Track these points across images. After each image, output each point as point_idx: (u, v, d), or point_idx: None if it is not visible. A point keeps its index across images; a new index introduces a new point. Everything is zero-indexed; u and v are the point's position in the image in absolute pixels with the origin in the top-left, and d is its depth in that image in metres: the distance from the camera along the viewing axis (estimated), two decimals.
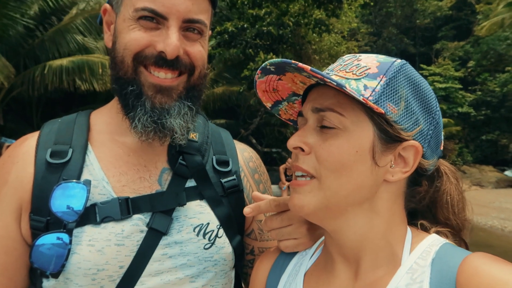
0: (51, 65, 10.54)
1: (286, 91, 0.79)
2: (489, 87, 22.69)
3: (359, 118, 0.68)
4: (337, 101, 0.69)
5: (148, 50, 0.85)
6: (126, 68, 0.86)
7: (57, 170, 0.87)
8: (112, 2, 0.92)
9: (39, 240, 0.83)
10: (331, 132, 0.69)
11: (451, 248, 0.68)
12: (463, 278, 0.60)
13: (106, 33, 0.95)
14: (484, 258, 0.62)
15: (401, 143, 0.68)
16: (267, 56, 11.65)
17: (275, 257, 0.88)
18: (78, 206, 0.83)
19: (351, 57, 0.75)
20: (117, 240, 0.84)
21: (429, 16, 29.24)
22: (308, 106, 0.73)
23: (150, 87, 0.87)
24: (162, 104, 0.87)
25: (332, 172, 0.68)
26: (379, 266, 0.71)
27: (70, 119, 0.97)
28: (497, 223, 10.11)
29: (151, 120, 0.86)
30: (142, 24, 0.85)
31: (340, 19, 15.24)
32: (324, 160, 0.68)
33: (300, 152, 0.72)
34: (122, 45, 0.87)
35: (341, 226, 0.72)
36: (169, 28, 0.84)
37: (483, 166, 21.90)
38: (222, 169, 1.00)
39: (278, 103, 0.82)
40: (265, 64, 0.71)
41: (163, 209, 0.89)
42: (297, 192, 0.72)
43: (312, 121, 0.72)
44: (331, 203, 0.69)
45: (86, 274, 0.82)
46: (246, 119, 14.91)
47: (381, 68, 0.69)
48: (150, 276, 0.87)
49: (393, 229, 0.72)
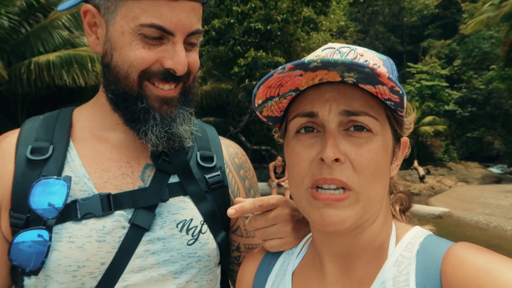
0: (37, 61, 10.36)
1: (289, 87, 0.69)
2: (475, 85, 23.07)
3: (384, 121, 0.68)
4: (367, 104, 0.65)
5: (155, 66, 0.85)
6: (131, 84, 0.86)
7: (37, 166, 0.85)
8: (99, 6, 0.87)
9: (18, 237, 0.81)
10: (364, 136, 0.65)
11: (435, 239, 0.69)
12: (448, 268, 0.61)
13: (90, 36, 0.91)
14: (468, 248, 0.63)
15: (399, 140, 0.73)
16: (257, 53, 11.64)
17: (261, 257, 0.88)
18: (58, 202, 0.82)
19: (349, 49, 0.71)
20: (98, 237, 0.83)
21: (416, 14, 29.58)
22: (327, 107, 0.66)
23: (156, 100, 0.88)
24: (168, 113, 0.89)
25: (370, 180, 0.65)
26: (369, 261, 0.71)
27: (52, 116, 0.95)
28: (482, 219, 10.30)
29: (163, 131, 0.88)
30: (147, 41, 0.83)
31: (328, 17, 15.31)
32: (364, 168, 0.64)
33: (333, 163, 0.64)
34: (126, 62, 0.84)
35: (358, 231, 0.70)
36: (176, 45, 0.84)
37: (468, 162, 22.29)
38: (206, 164, 0.99)
39: (269, 100, 0.72)
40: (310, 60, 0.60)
41: (146, 205, 0.89)
42: (334, 208, 0.65)
43: (335, 124, 0.65)
44: (367, 212, 0.67)
45: (66, 271, 0.81)
46: (235, 116, 14.88)
47: (386, 66, 0.70)
48: (133, 272, 0.86)
49: (386, 224, 0.73)
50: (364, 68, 0.58)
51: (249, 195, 1.09)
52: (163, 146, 0.90)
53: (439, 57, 26.20)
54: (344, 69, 0.60)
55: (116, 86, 0.87)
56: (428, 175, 18.50)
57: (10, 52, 11.29)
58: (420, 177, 17.56)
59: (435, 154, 21.54)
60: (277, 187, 9.44)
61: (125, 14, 0.83)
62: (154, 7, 0.81)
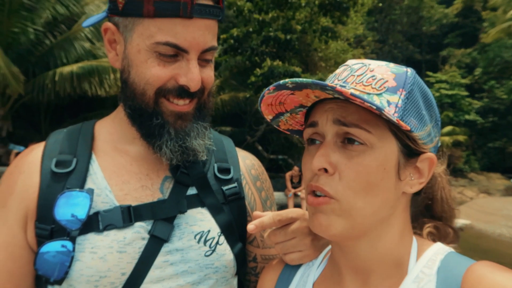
0: (61, 72, 10.68)
1: (293, 104, 0.74)
2: (496, 94, 22.52)
3: (384, 134, 0.66)
4: (360, 117, 0.66)
5: (170, 83, 0.87)
6: (148, 101, 0.88)
7: (61, 179, 0.89)
8: (118, 24, 0.90)
9: (43, 248, 0.84)
10: (357, 149, 0.66)
11: (456, 256, 0.68)
12: (467, 286, 0.61)
13: (110, 52, 0.95)
14: (488, 267, 0.63)
15: (419, 156, 0.70)
16: (273, 63, 11.69)
17: (281, 268, 0.89)
18: (81, 214, 0.85)
19: (360, 65, 0.71)
20: (119, 248, 0.86)
21: (435, 23, 29.18)
22: (325, 117, 0.69)
23: (171, 115, 0.90)
24: (183, 128, 0.91)
25: (357, 192, 0.66)
26: (387, 276, 0.71)
27: (75, 129, 0.99)
28: (505, 231, 9.98)
29: (177, 145, 0.90)
30: (162, 58, 0.86)
31: (346, 26, 15.27)
32: (351, 180, 0.65)
33: (323, 173, 0.67)
34: (142, 80, 0.87)
35: (362, 243, 0.71)
36: (190, 62, 0.86)
37: (490, 173, 21.68)
38: (223, 176, 1.01)
39: (279, 115, 0.78)
40: (284, 82, 0.65)
41: (164, 216, 0.91)
42: (320, 212, 0.68)
43: (331, 135, 0.68)
44: (357, 222, 0.67)
45: (88, 281, 0.83)
46: (252, 125, 14.92)
47: (398, 80, 0.68)
48: (152, 283, 0.88)
49: (404, 239, 0.72)
50: (326, 87, 0.61)
51: (265, 206, 1.10)
52: (178, 160, 0.91)
53: (459, 66, 25.72)
54: (317, 87, 0.63)
55: (133, 102, 0.90)
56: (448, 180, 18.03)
57: (35, 63, 11.69)
58: None
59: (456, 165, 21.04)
60: (294, 197, 9.38)
61: (142, 33, 0.85)
62: (169, 25, 0.83)
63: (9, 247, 0.87)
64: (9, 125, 11.70)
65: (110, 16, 0.91)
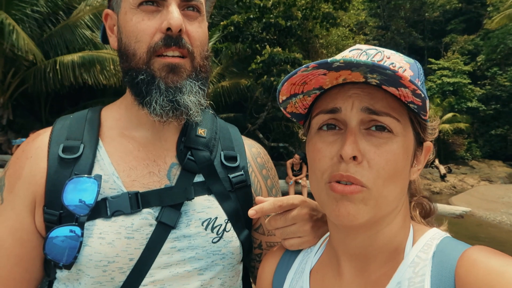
0: (62, 61, 10.64)
1: (314, 85, 0.70)
2: (499, 81, 22.38)
3: (406, 123, 0.68)
4: (389, 105, 0.65)
5: (157, 36, 0.88)
6: (138, 59, 0.89)
7: (69, 165, 0.89)
8: (113, 5, 0.95)
9: (53, 233, 0.85)
10: (384, 136, 0.65)
11: (452, 241, 0.69)
12: (461, 270, 0.62)
13: (110, 37, 0.97)
14: (483, 251, 0.63)
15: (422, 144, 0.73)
16: (274, 50, 11.60)
17: (280, 255, 0.89)
18: (89, 200, 0.85)
19: (375, 51, 0.71)
20: (127, 233, 0.86)
21: (438, 9, 28.87)
22: (350, 103, 0.66)
23: (162, 68, 0.89)
24: (174, 83, 0.89)
25: (386, 180, 0.65)
26: (385, 262, 0.71)
27: (81, 115, 0.99)
28: (506, 219, 10.04)
29: (167, 100, 0.88)
30: (144, 9, 0.88)
31: (348, 12, 15.11)
32: (380, 168, 0.65)
33: (351, 161, 0.65)
34: (132, 39, 0.89)
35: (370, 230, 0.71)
36: (169, 6, 0.88)
37: (492, 161, 21.70)
38: (230, 164, 1.01)
39: (293, 96, 0.73)
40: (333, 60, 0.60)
41: (172, 203, 0.91)
42: (348, 200, 0.66)
43: (356, 122, 0.66)
44: (382, 210, 0.67)
45: (97, 266, 0.84)
46: (253, 113, 14.89)
47: (413, 70, 0.69)
48: (159, 268, 0.88)
49: (404, 226, 0.73)
50: (386, 70, 0.58)
51: (271, 194, 1.10)
52: (169, 117, 0.90)
53: (462, 53, 25.52)
54: (367, 70, 0.60)
55: (125, 64, 0.91)
56: (450, 174, 18.11)
57: None
58: (441, 175, 17.21)
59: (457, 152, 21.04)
60: (295, 185, 9.41)
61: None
62: None
63: (17, 232, 0.88)
64: (9, 114, 11.69)
65: (109, 4, 0.96)
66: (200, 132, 1.01)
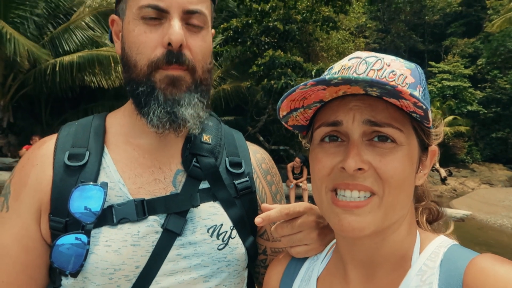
0: (62, 61, 10.65)
1: (314, 99, 0.70)
2: (499, 84, 22.38)
3: (409, 132, 0.68)
4: (391, 115, 0.66)
5: (158, 51, 0.87)
6: (139, 71, 0.89)
7: (75, 172, 0.89)
8: (119, 11, 0.95)
9: (59, 241, 0.85)
10: (388, 146, 0.66)
11: (459, 249, 0.69)
12: (469, 278, 0.61)
13: (116, 43, 0.98)
14: (491, 259, 0.63)
15: (427, 149, 0.72)
16: (275, 53, 11.61)
17: (286, 262, 0.89)
18: (95, 207, 0.85)
19: (375, 58, 0.70)
20: (133, 241, 0.86)
21: (438, 12, 28.89)
22: (351, 116, 0.67)
23: (163, 81, 0.88)
24: (173, 95, 0.89)
25: (394, 188, 0.66)
26: (392, 270, 0.71)
27: (86, 122, 0.99)
28: (507, 222, 10.01)
29: (164, 111, 0.88)
30: (146, 22, 0.87)
31: (348, 15, 15.13)
32: (389, 177, 0.65)
33: (357, 172, 0.65)
34: (134, 50, 0.89)
35: (375, 238, 0.71)
36: (171, 20, 0.87)
37: (492, 164, 21.66)
38: (235, 170, 1.01)
39: (293, 111, 0.74)
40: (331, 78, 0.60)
41: (178, 210, 0.91)
42: (354, 214, 0.66)
43: (358, 134, 0.66)
44: (388, 219, 0.68)
45: (103, 273, 0.84)
46: (254, 116, 14.89)
47: (414, 76, 0.69)
48: (165, 276, 0.88)
49: (410, 233, 0.73)
50: (385, 86, 0.58)
51: (275, 200, 1.10)
52: (165, 128, 0.90)
53: (462, 56, 25.52)
54: (366, 85, 0.61)
55: (127, 74, 0.91)
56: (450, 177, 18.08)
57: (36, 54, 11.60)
58: (441, 178, 17.17)
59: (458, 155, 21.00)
60: (295, 188, 9.40)
61: (130, 5, 0.89)
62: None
63: (23, 239, 0.88)
64: (10, 116, 11.71)
65: (116, 9, 0.96)
66: (205, 139, 1.01)
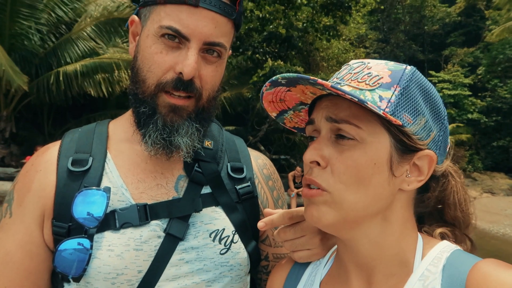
0: (65, 71, 10.71)
1: (293, 101, 0.78)
2: (500, 94, 22.42)
3: (375, 130, 0.67)
4: (351, 113, 0.67)
5: (169, 74, 0.87)
6: (146, 88, 0.89)
7: (78, 177, 0.90)
8: (141, 14, 0.94)
9: (62, 246, 0.85)
10: (348, 143, 0.68)
11: (462, 254, 0.69)
12: (472, 284, 0.61)
13: (131, 43, 0.97)
14: (493, 264, 0.63)
15: (416, 152, 0.69)
16: (275, 63, 11.68)
17: (289, 267, 0.89)
18: (98, 212, 0.86)
19: (359, 64, 0.73)
20: (136, 245, 0.87)
21: (438, 22, 29.07)
22: (320, 114, 0.71)
23: (166, 107, 0.89)
24: (173, 122, 0.89)
25: (348, 186, 0.67)
26: (392, 274, 0.71)
27: (89, 129, 1.00)
28: (509, 231, 9.95)
29: (160, 137, 0.89)
30: (165, 42, 0.86)
31: (348, 25, 15.24)
32: (341, 174, 0.67)
33: (315, 166, 0.70)
34: (145, 66, 0.88)
35: (357, 236, 0.72)
36: (189, 50, 0.86)
37: (494, 173, 21.57)
38: (237, 176, 1.02)
39: (283, 112, 0.81)
40: (276, 78, 0.69)
41: (180, 215, 0.91)
42: (312, 203, 0.71)
43: (325, 131, 0.71)
44: (348, 215, 0.69)
45: (106, 278, 0.84)
46: (255, 125, 14.92)
47: (394, 77, 0.69)
48: (168, 280, 0.88)
49: (406, 237, 0.72)
50: (308, 80, 0.64)
51: (277, 205, 1.10)
52: (156, 153, 0.91)
53: (462, 66, 25.60)
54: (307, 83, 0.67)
55: (134, 87, 0.92)
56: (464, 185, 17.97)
57: (39, 64, 11.73)
58: None
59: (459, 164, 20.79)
60: (297, 197, 9.38)
61: (153, 18, 0.88)
62: (176, 11, 0.85)
63: (26, 245, 0.88)
64: (12, 126, 11.74)
65: (139, 9, 0.95)
66: (207, 144, 1.02)
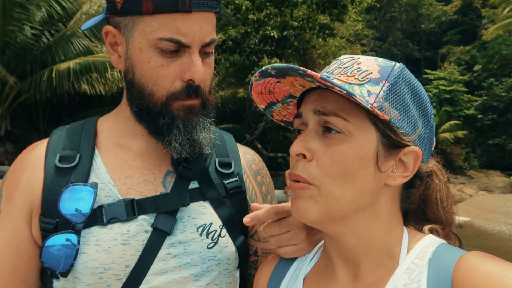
0: (58, 68, 10.65)
1: (282, 93, 0.77)
2: (495, 92, 22.51)
3: (362, 124, 0.67)
4: (339, 106, 0.67)
5: (177, 84, 0.88)
6: (156, 100, 0.89)
7: (65, 174, 0.90)
8: (119, 25, 0.89)
9: (49, 241, 0.85)
10: (335, 137, 0.67)
11: (447, 247, 0.69)
12: (458, 276, 0.62)
13: (112, 55, 0.95)
14: (479, 256, 0.63)
15: (402, 148, 0.70)
16: (271, 61, 11.66)
17: (275, 263, 0.90)
18: (85, 208, 0.86)
19: (349, 59, 0.74)
20: (123, 240, 0.87)
21: (434, 20, 29.13)
22: (308, 107, 0.71)
23: (181, 110, 0.91)
24: (190, 121, 0.92)
25: (334, 179, 0.67)
26: (378, 267, 0.72)
27: (77, 126, 1.00)
28: (505, 229, 10.01)
29: (186, 138, 0.91)
30: (164, 54, 0.86)
31: (344, 23, 15.24)
32: (327, 167, 0.67)
33: (301, 159, 0.69)
34: (150, 81, 0.88)
35: (343, 230, 0.72)
36: (192, 55, 0.86)
37: (490, 171, 21.68)
38: (225, 170, 1.02)
39: (272, 105, 0.81)
40: (266, 68, 0.69)
41: (167, 209, 0.92)
42: (298, 197, 0.71)
43: (313, 124, 0.70)
44: (334, 210, 0.69)
45: (93, 273, 0.85)
46: (251, 123, 14.92)
47: (383, 72, 0.69)
48: (155, 275, 0.89)
49: (392, 231, 0.73)
50: (298, 71, 0.65)
51: (266, 200, 1.11)
52: (187, 153, 0.92)
53: (459, 64, 25.68)
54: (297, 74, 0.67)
55: (140, 101, 0.91)
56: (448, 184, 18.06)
57: (33, 62, 11.64)
58: None
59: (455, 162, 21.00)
60: None
61: (143, 30, 0.85)
62: (170, 21, 0.83)
63: (14, 242, 0.88)
64: (7, 124, 11.68)
65: (110, 17, 0.91)
66: None
